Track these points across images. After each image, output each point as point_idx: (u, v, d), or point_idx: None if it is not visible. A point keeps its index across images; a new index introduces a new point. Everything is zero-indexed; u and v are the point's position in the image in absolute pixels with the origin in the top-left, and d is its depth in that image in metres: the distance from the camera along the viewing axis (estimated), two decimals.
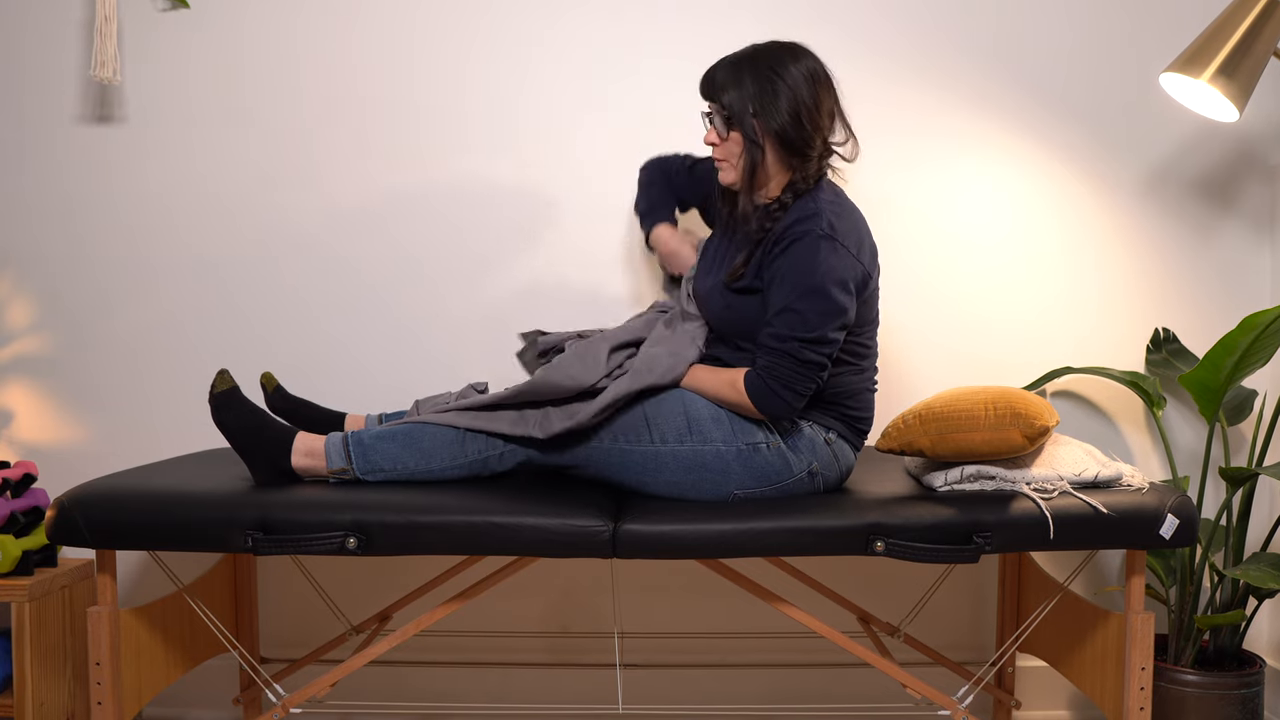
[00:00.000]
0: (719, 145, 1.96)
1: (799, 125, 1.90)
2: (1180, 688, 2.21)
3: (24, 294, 2.52)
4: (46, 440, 2.53)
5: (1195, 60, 2.15)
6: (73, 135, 2.49)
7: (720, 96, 1.93)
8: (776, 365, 1.86)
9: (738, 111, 1.91)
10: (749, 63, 1.92)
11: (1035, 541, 1.84)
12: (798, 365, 1.86)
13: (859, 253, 1.89)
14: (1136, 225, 2.53)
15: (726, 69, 1.93)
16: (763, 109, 1.90)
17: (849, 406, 2.01)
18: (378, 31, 2.48)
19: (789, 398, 1.87)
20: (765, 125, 1.90)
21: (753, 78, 1.90)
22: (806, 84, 1.90)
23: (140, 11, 2.47)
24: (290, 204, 2.50)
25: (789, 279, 1.86)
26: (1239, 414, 2.43)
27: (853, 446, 2.02)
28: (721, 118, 1.94)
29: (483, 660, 2.54)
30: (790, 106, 1.89)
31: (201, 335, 2.51)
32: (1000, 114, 2.51)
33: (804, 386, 1.88)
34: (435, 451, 1.91)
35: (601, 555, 1.80)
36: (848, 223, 1.90)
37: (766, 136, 1.91)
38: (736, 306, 1.96)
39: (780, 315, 1.86)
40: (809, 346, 1.85)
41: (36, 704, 2.20)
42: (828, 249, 1.84)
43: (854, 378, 2.00)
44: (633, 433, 1.91)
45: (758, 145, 1.91)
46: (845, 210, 1.92)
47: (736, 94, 1.91)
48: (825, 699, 2.53)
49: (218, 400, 1.91)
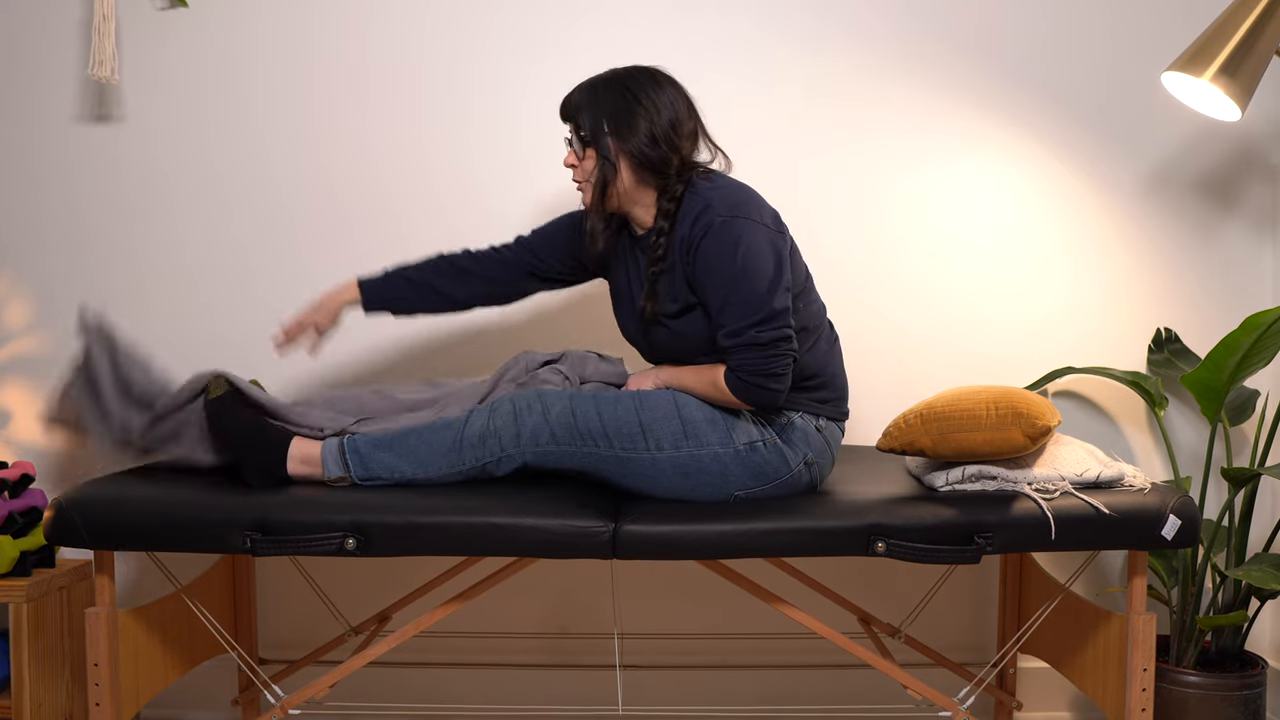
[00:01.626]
0: (576, 167, 1.97)
1: (655, 145, 1.90)
2: (1182, 689, 2.20)
3: (21, 294, 2.51)
4: (43, 441, 2.52)
5: (1197, 59, 2.15)
6: (71, 134, 2.49)
7: (577, 117, 1.94)
8: (745, 359, 1.86)
9: (594, 131, 1.92)
10: (606, 85, 1.94)
11: (1037, 542, 1.84)
12: (763, 350, 1.85)
13: (761, 216, 1.89)
14: (1138, 225, 2.53)
15: (584, 91, 1.95)
16: (618, 129, 1.91)
17: (824, 381, 2.01)
18: (377, 30, 2.48)
19: (770, 383, 1.87)
20: (621, 145, 1.91)
21: (609, 99, 1.92)
22: (665, 106, 1.92)
23: (138, 10, 2.46)
24: (290, 203, 2.49)
25: (714, 274, 1.86)
26: (1241, 414, 2.43)
27: (840, 427, 2.03)
28: (579, 138, 1.95)
29: (482, 661, 2.53)
30: (646, 128, 1.90)
31: (199, 335, 2.51)
32: (1001, 113, 2.50)
33: (779, 366, 1.87)
34: (432, 460, 1.90)
35: (601, 556, 1.80)
36: (737, 195, 1.90)
37: (621, 155, 1.92)
38: (683, 330, 1.96)
39: (724, 311, 1.86)
40: (764, 327, 1.85)
41: (34, 705, 2.20)
42: (734, 228, 1.85)
43: (817, 345, 2.00)
44: (629, 440, 1.90)
45: (611, 164, 1.92)
46: (729, 187, 1.92)
47: (592, 114, 1.92)
48: (826, 700, 2.52)
49: (212, 408, 1.90)
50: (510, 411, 1.90)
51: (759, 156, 2.49)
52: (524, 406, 1.90)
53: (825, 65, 2.48)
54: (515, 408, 1.91)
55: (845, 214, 2.50)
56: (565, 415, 1.89)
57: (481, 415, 1.92)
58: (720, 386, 1.89)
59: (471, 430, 1.90)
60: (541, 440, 1.89)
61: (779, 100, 2.49)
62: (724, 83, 2.48)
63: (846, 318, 2.51)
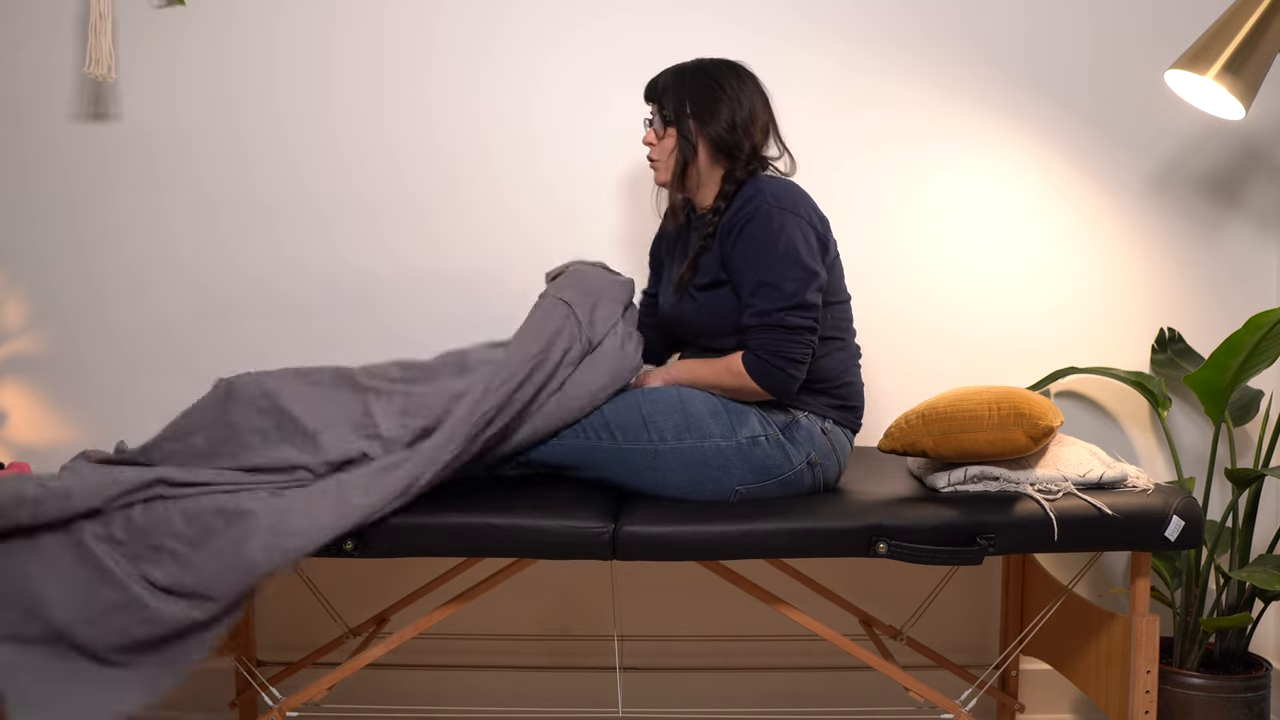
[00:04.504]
0: (654, 145, 2.06)
1: (733, 130, 1.99)
2: (1186, 691, 2.19)
3: (18, 293, 2.50)
4: (41, 441, 2.51)
5: (1201, 57, 2.14)
6: (67, 133, 2.48)
7: (662, 98, 2.03)
8: (767, 340, 1.89)
9: (677, 113, 2.00)
10: (693, 71, 2.03)
11: (1039, 543, 1.84)
12: (787, 333, 1.88)
13: (810, 217, 1.96)
14: (1141, 224, 2.52)
15: (671, 75, 2.05)
16: (699, 112, 1.99)
17: (839, 388, 2.02)
18: (377, 29, 2.47)
19: (789, 368, 1.89)
20: (701, 127, 1.99)
21: (694, 84, 2.01)
22: (746, 97, 2.01)
23: (135, 8, 2.45)
24: (287, 203, 2.48)
25: (753, 256, 1.91)
26: (1245, 414, 2.42)
27: (848, 435, 2.04)
28: (660, 117, 2.03)
29: (481, 663, 2.52)
30: (727, 113, 1.99)
31: (197, 335, 2.50)
32: (1003, 113, 2.49)
33: (800, 353, 1.90)
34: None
35: (601, 557, 1.79)
36: (793, 193, 1.98)
37: (701, 137, 2.00)
38: (708, 303, 2.00)
39: (756, 292, 1.90)
40: (793, 313, 1.89)
41: None
42: (780, 218, 1.92)
43: (839, 354, 2.03)
44: (630, 432, 1.90)
45: (691, 144, 2.00)
46: (787, 185, 2.00)
47: (677, 96, 2.01)
48: (827, 702, 2.51)
49: None
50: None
51: None
52: None
53: (824, 66, 2.47)
54: None
55: (847, 214, 2.49)
56: None
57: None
58: (735, 370, 1.92)
59: None
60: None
61: (775, 101, 2.47)
62: None
63: None
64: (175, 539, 1.70)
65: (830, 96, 2.48)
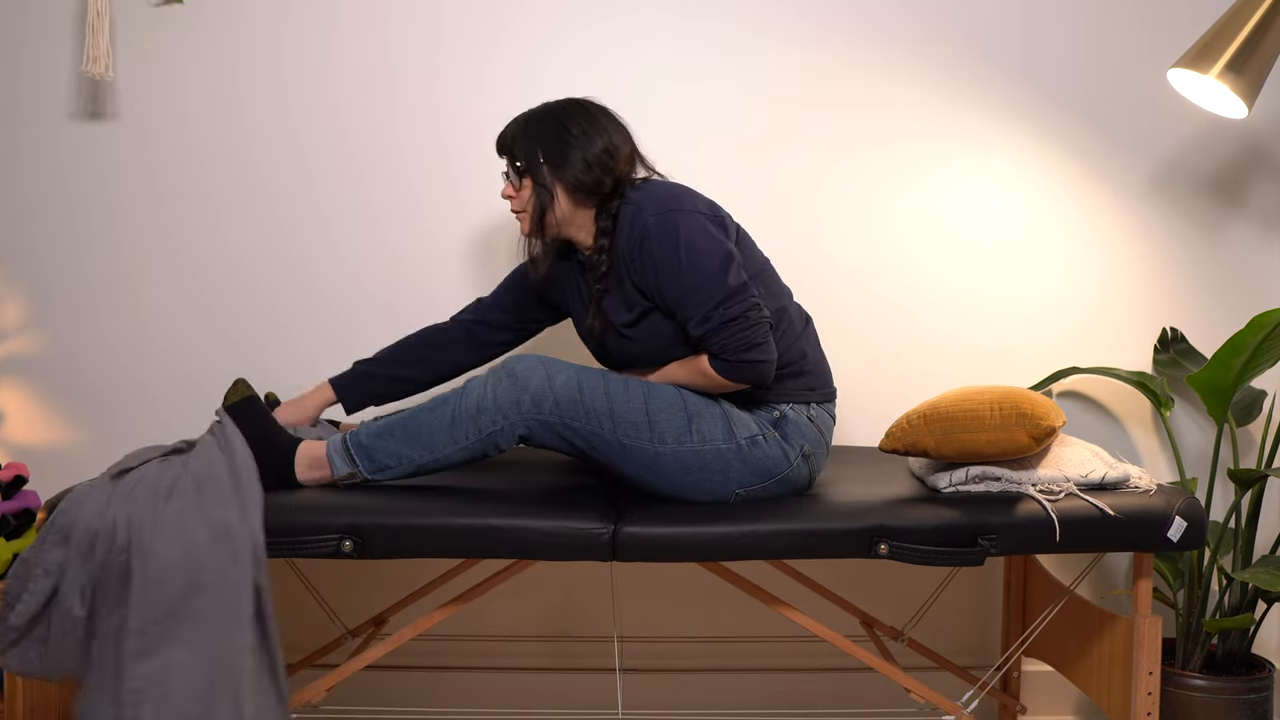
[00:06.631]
0: (514, 197, 2.02)
1: (589, 170, 1.96)
2: (1188, 692, 2.19)
3: (15, 293, 2.49)
4: (38, 441, 2.51)
5: (1203, 56, 2.13)
6: (64, 132, 2.47)
7: (513, 149, 2.00)
8: (721, 340, 1.87)
9: (529, 162, 1.97)
10: (541, 118, 1.99)
11: (1041, 544, 1.83)
12: (735, 325, 1.87)
13: (695, 205, 1.94)
14: (1143, 223, 2.51)
15: (519, 125, 2.00)
16: (550, 157, 1.96)
17: (799, 361, 2.01)
18: (376, 29, 2.46)
19: (754, 355, 1.88)
20: (555, 172, 1.96)
21: (542, 130, 1.98)
22: (597, 133, 1.97)
23: (133, 7, 2.45)
24: (285, 203, 2.48)
25: (665, 272, 1.90)
26: (1248, 415, 2.41)
27: (829, 411, 2.04)
28: (514, 170, 2.00)
29: (480, 665, 2.52)
30: (579, 154, 1.96)
31: (195, 335, 2.49)
32: (1004, 112, 2.49)
33: (757, 335, 1.88)
34: (434, 439, 1.88)
35: (601, 558, 1.78)
36: (666, 191, 1.96)
37: (557, 183, 1.97)
38: (645, 336, 1.98)
39: (685, 303, 1.89)
40: (728, 304, 1.87)
41: (27, 709, 2.18)
42: (670, 222, 1.90)
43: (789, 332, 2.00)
44: (632, 428, 1.89)
45: (548, 190, 1.97)
46: (658, 186, 1.98)
47: (526, 145, 1.98)
48: (828, 704, 2.51)
49: (229, 413, 1.91)
50: (510, 378, 1.88)
51: (759, 157, 2.47)
52: (524, 371, 1.88)
53: (823, 66, 2.47)
54: (516, 373, 1.88)
55: (848, 214, 2.48)
56: (571, 387, 1.87)
57: (478, 385, 1.89)
58: (709, 374, 1.91)
59: (469, 401, 1.87)
60: (544, 408, 1.86)
61: (777, 101, 2.47)
62: (721, 86, 2.46)
63: (848, 318, 2.50)
64: None
65: (830, 96, 2.47)
